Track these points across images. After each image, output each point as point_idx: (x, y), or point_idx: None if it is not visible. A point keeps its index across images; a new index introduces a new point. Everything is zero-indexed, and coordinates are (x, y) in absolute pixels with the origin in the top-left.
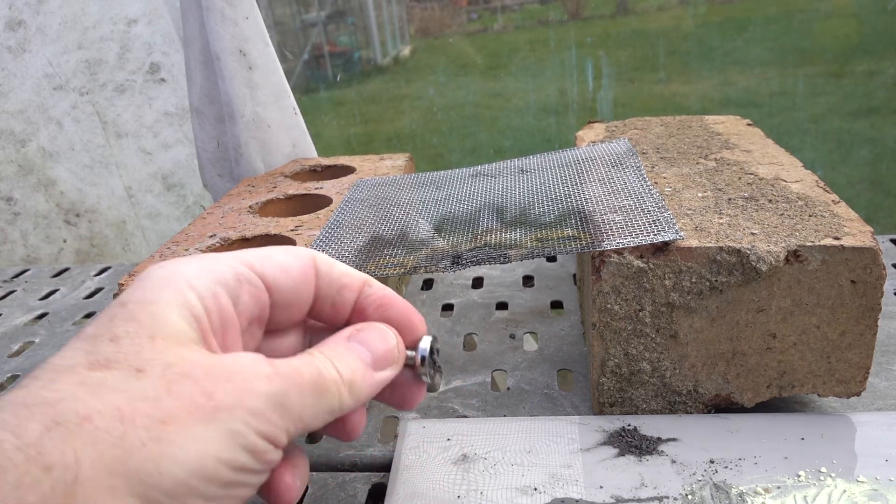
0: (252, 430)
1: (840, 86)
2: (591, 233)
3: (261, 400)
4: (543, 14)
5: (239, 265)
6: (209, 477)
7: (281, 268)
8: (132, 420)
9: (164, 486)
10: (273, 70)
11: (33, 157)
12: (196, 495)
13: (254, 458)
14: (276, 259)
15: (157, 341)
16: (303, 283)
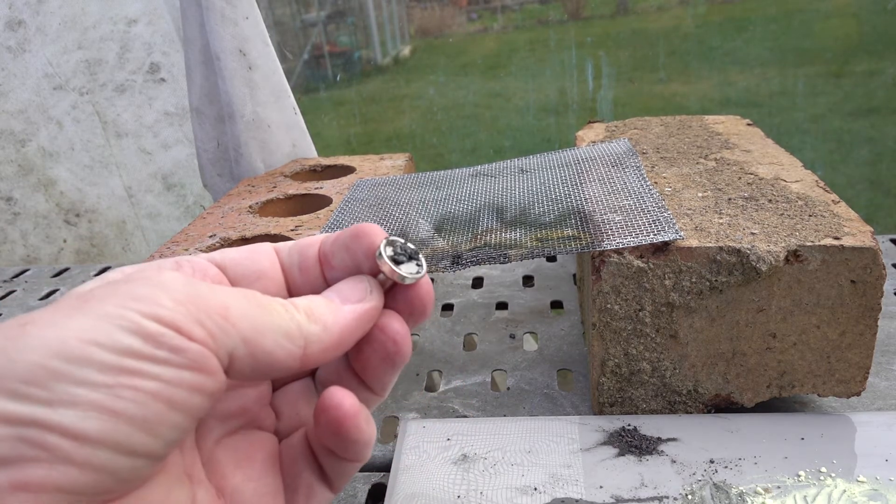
0: (134, 311)
1: (840, 86)
2: (591, 233)
3: (146, 286)
4: (543, 14)
5: (180, 256)
6: (76, 358)
7: (231, 250)
8: None
9: (17, 373)
10: (273, 70)
11: (33, 157)
12: (66, 380)
13: (147, 343)
14: (232, 250)
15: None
16: (259, 255)
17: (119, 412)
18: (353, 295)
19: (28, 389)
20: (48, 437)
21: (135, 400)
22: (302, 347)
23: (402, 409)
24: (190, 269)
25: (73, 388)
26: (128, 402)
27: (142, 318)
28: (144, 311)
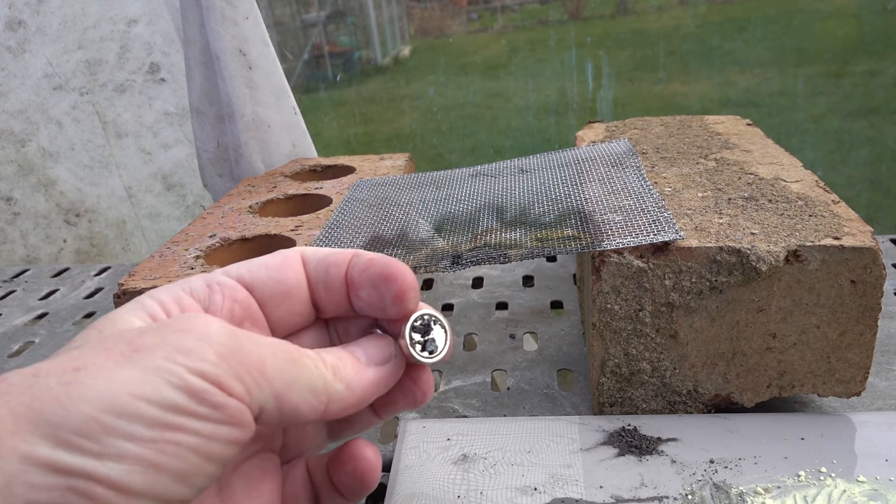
0: (181, 366)
1: (840, 86)
2: (591, 233)
3: (194, 339)
4: (543, 14)
5: (210, 275)
6: (126, 412)
7: (259, 264)
8: (46, 374)
9: (71, 424)
10: (273, 70)
11: (33, 157)
12: (115, 434)
13: (190, 398)
14: (256, 260)
15: (105, 333)
16: (287, 273)
17: (161, 466)
18: (378, 357)
19: (80, 441)
20: (96, 488)
21: (176, 454)
22: (325, 404)
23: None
24: (220, 294)
25: (121, 442)
26: (169, 456)
27: (188, 373)
28: (190, 367)
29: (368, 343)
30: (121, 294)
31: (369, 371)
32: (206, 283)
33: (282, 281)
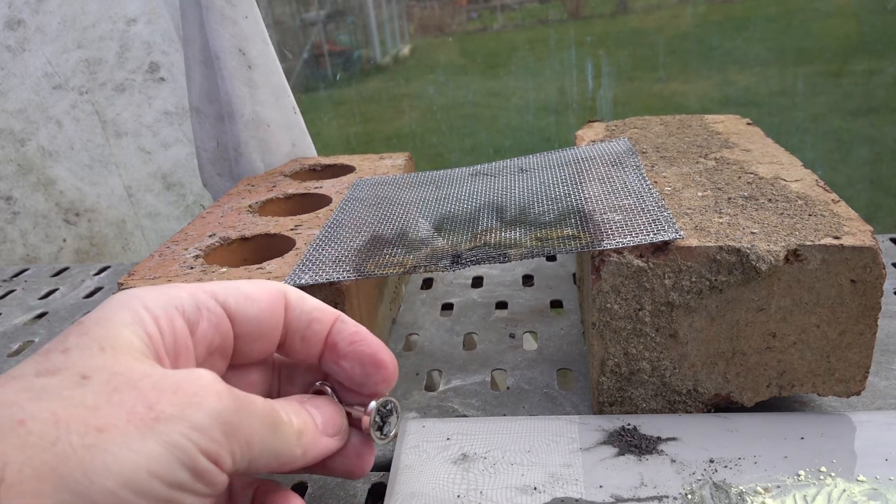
0: (194, 445)
1: (840, 85)
2: (590, 232)
3: (207, 415)
4: (543, 13)
5: (201, 293)
6: (141, 491)
7: (247, 297)
8: (67, 425)
9: (92, 496)
10: (272, 69)
11: (33, 157)
12: None
13: (193, 477)
14: (243, 290)
15: (107, 351)
16: (269, 314)
17: None
18: (333, 428)
19: None
20: None
21: None
22: (281, 465)
23: (402, 409)
24: (207, 322)
25: None
26: None
27: (198, 453)
28: (201, 447)
29: (326, 409)
30: None
31: (323, 440)
32: (196, 304)
33: (263, 321)
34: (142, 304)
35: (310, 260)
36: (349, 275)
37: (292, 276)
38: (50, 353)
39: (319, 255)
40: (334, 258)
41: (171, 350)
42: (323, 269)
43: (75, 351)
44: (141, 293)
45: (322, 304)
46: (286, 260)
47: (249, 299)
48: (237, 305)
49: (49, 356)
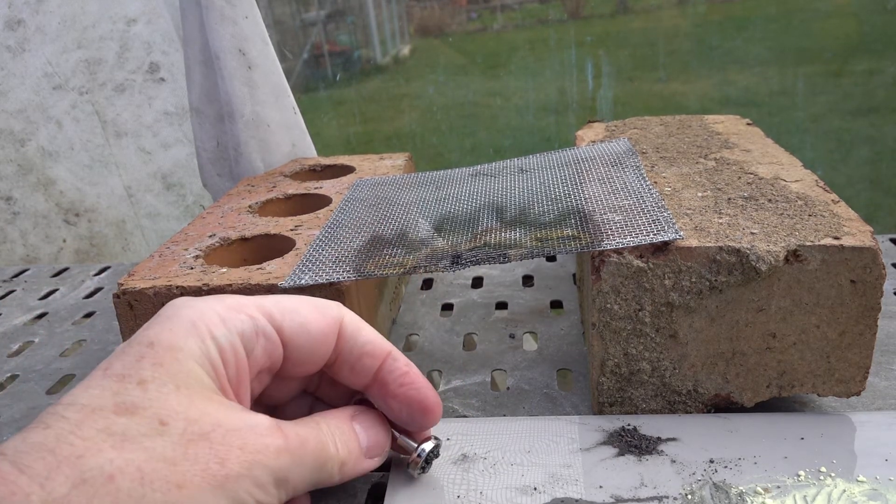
0: (253, 499)
1: (840, 85)
2: (590, 232)
3: (267, 474)
4: (543, 13)
5: (260, 317)
6: None
7: (302, 325)
8: (151, 482)
9: None
10: (272, 69)
11: (33, 157)
12: None
13: None
14: (301, 315)
15: (182, 391)
16: (322, 345)
17: None
18: (377, 450)
19: None
20: None
21: None
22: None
23: None
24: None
25: None
26: None
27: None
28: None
29: (374, 431)
30: (120, 294)
31: (364, 463)
32: (255, 329)
33: (314, 352)
34: (208, 331)
35: (310, 260)
36: (349, 275)
37: (292, 276)
38: (126, 381)
39: (319, 256)
40: (334, 258)
41: (233, 379)
42: (323, 269)
43: (152, 387)
44: (206, 312)
45: (375, 338)
46: (286, 260)
47: (304, 328)
48: (291, 333)
49: (126, 386)
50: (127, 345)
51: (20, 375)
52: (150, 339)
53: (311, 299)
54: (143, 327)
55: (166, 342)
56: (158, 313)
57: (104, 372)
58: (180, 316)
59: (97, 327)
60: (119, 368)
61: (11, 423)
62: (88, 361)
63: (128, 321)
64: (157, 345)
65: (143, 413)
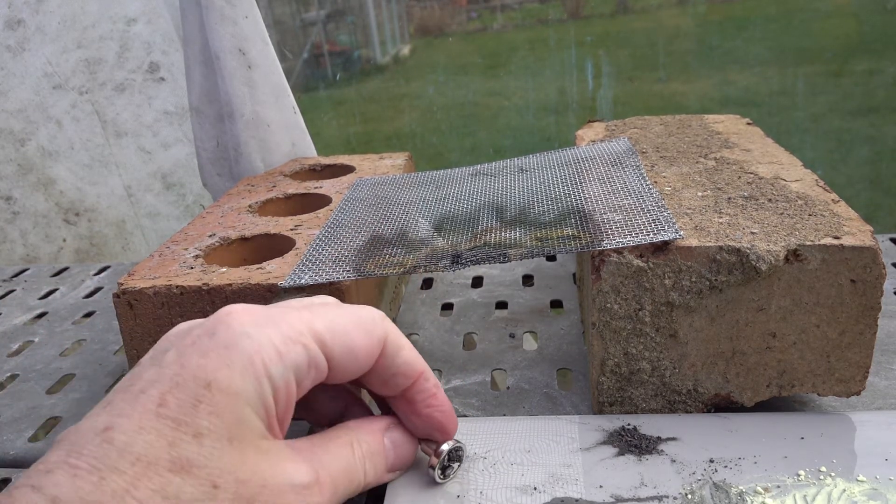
0: None
1: (840, 85)
2: (590, 232)
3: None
4: (543, 13)
5: (314, 346)
6: None
7: (351, 351)
8: None
9: None
10: (272, 69)
11: (33, 157)
12: None
13: None
14: (350, 338)
15: (234, 445)
16: (364, 366)
17: None
18: (401, 464)
19: None
20: None
21: None
22: None
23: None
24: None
25: None
26: None
27: None
28: None
29: (402, 449)
30: (120, 293)
31: (386, 477)
32: (308, 361)
33: (355, 371)
34: (265, 369)
35: (310, 260)
36: (349, 275)
37: (292, 276)
38: (181, 430)
39: (319, 255)
40: (334, 258)
41: (282, 413)
42: (323, 268)
43: (207, 441)
44: (264, 345)
45: (411, 358)
46: (286, 260)
47: (352, 353)
48: (339, 358)
49: (181, 436)
50: (180, 373)
51: (20, 375)
52: (207, 378)
53: (359, 315)
54: (193, 343)
55: (224, 384)
56: (213, 329)
57: (157, 409)
58: (239, 349)
59: (97, 327)
60: (174, 410)
61: (11, 423)
62: (88, 361)
63: (128, 321)
64: (214, 387)
65: (197, 473)
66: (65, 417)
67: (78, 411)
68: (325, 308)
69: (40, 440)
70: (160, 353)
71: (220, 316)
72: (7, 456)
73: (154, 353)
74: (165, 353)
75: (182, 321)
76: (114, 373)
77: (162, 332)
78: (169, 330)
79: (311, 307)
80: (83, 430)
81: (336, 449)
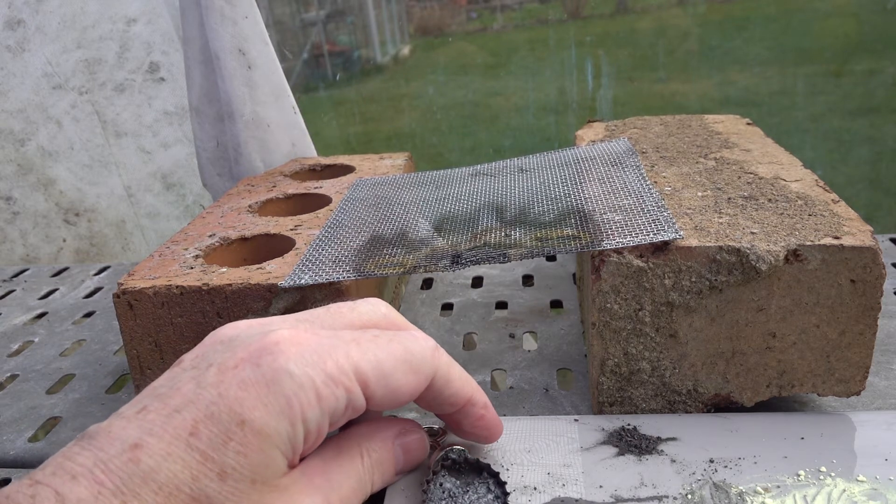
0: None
1: (839, 85)
2: (590, 232)
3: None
4: (543, 13)
5: (356, 389)
6: None
7: (394, 392)
8: None
9: None
10: (272, 69)
11: (32, 157)
12: None
13: None
14: (395, 380)
15: (256, 486)
16: (405, 403)
17: None
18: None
19: None
20: None
21: None
22: None
23: (402, 409)
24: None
25: None
26: None
27: None
28: None
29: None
30: (120, 294)
31: (393, 479)
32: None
33: (394, 407)
34: (301, 414)
35: (310, 260)
36: (349, 275)
37: (292, 275)
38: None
39: (319, 255)
40: (334, 258)
41: (307, 449)
42: (323, 269)
43: (230, 481)
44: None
45: (460, 389)
46: (286, 260)
47: (394, 395)
48: (380, 398)
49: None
50: (217, 402)
51: (20, 375)
52: (242, 416)
53: (411, 350)
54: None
55: (258, 425)
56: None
57: (189, 438)
58: (279, 388)
59: (97, 327)
60: (205, 442)
61: (11, 423)
62: (88, 361)
63: (127, 321)
64: (248, 426)
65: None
66: (65, 417)
67: (78, 411)
68: (376, 343)
69: (40, 440)
70: (203, 364)
71: (268, 343)
72: (7, 456)
73: (196, 362)
74: (208, 370)
75: (182, 321)
76: (114, 373)
77: (162, 333)
78: (170, 330)
79: (360, 341)
80: (114, 436)
81: (347, 464)
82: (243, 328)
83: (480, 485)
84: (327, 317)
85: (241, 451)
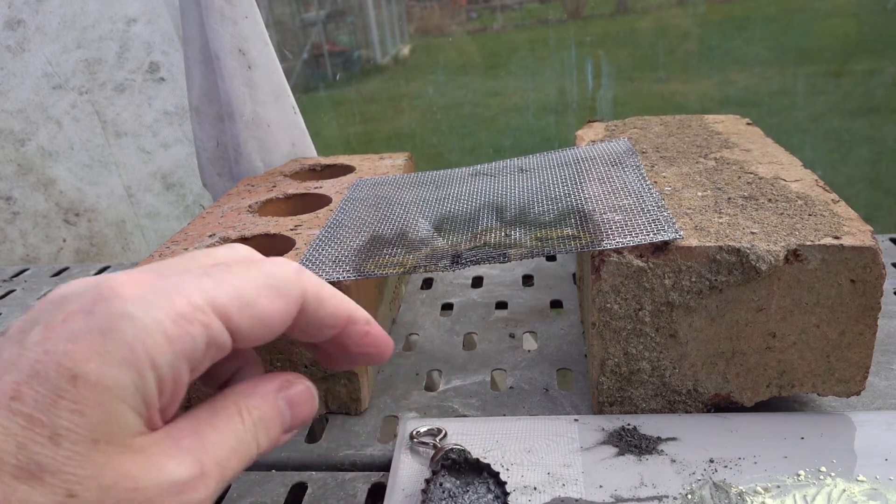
0: None
1: (839, 85)
2: (590, 232)
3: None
4: (543, 13)
5: (216, 323)
6: None
7: (261, 320)
8: None
9: None
10: (272, 69)
11: (33, 157)
12: None
13: None
14: (260, 307)
15: (100, 447)
16: (278, 330)
17: None
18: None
19: None
20: None
21: None
22: None
23: (402, 409)
24: (209, 360)
25: None
26: None
27: None
28: None
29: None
30: None
31: (283, 438)
32: (206, 342)
33: (266, 339)
34: (149, 360)
35: (310, 260)
36: (349, 275)
37: None
38: (35, 429)
39: (319, 255)
40: (334, 258)
41: (167, 402)
42: (323, 269)
43: (66, 444)
44: (150, 329)
45: (336, 307)
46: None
47: (262, 323)
48: (247, 330)
49: (34, 437)
50: (42, 360)
51: None
52: (73, 370)
53: (271, 273)
54: (64, 321)
55: (93, 378)
56: (90, 306)
57: (10, 403)
58: (118, 335)
59: None
60: (30, 405)
61: None
62: None
63: None
64: (80, 381)
65: (49, 481)
66: None
67: None
68: (230, 272)
69: None
70: (28, 325)
71: (101, 289)
72: None
73: (22, 325)
74: (32, 329)
75: None
76: None
77: None
78: None
79: (211, 273)
80: None
81: (223, 424)
82: (77, 283)
83: (480, 485)
84: (179, 263)
85: (75, 409)
